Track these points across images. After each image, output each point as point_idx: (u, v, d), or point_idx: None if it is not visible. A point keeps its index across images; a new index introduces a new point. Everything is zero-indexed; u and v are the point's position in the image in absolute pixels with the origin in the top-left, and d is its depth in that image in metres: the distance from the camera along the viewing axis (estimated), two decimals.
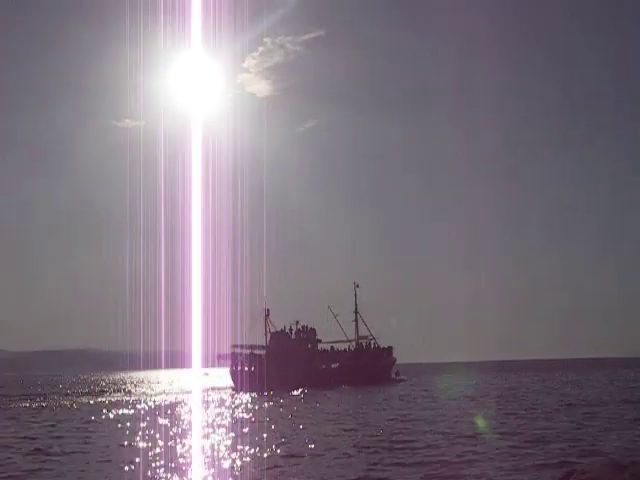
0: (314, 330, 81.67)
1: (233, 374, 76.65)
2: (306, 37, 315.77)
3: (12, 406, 53.08)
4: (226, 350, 76.72)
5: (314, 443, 24.23)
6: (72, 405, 53.73)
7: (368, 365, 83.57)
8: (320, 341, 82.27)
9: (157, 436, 26.11)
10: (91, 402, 57.75)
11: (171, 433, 27.32)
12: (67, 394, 77.02)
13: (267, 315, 79.06)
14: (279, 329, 79.98)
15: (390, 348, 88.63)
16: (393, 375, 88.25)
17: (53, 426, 34.23)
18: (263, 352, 77.19)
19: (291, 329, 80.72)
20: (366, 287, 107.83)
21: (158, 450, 22.53)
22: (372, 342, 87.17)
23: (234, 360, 76.94)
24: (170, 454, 21.13)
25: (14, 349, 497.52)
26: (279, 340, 78.84)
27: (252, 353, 77.21)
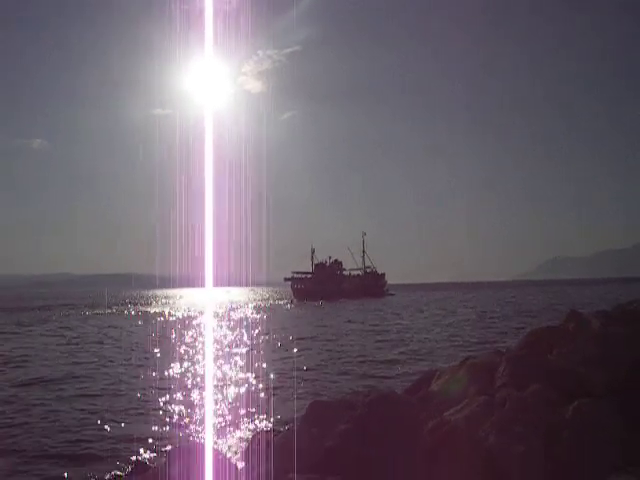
0: (340, 262, 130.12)
1: (294, 290, 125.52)
2: (287, 51, 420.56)
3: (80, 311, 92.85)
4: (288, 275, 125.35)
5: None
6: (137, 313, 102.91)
7: (371, 285, 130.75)
8: (344, 269, 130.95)
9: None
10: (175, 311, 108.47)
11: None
12: (136, 304, 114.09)
13: (313, 253, 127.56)
14: (320, 261, 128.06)
15: (384, 274, 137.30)
16: (386, 290, 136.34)
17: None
18: (311, 276, 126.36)
19: (326, 262, 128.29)
20: (370, 233, 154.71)
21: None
22: (374, 270, 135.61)
23: (294, 281, 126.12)
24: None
25: (77, 272, 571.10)
26: (320, 268, 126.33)
27: (305, 277, 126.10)
